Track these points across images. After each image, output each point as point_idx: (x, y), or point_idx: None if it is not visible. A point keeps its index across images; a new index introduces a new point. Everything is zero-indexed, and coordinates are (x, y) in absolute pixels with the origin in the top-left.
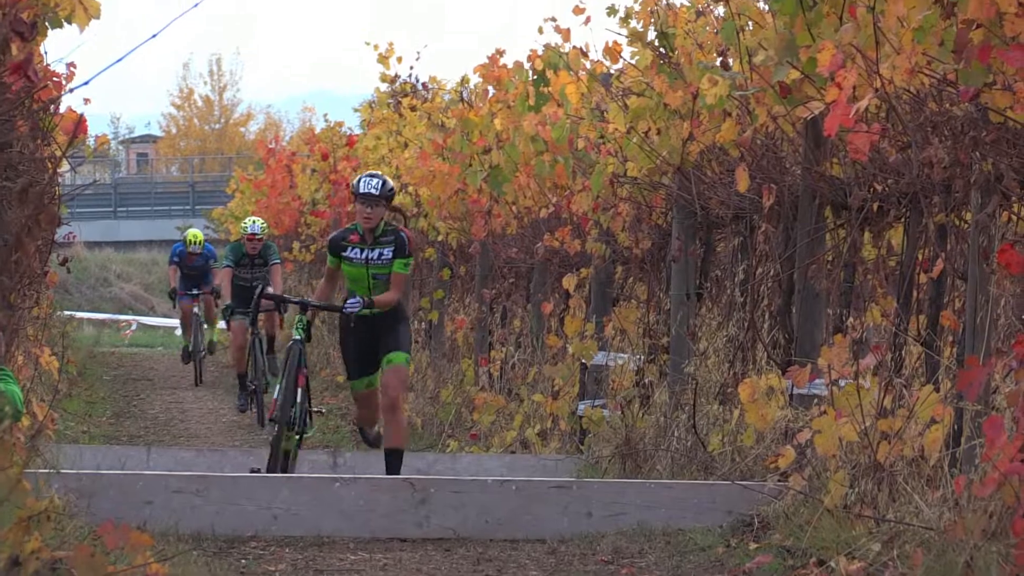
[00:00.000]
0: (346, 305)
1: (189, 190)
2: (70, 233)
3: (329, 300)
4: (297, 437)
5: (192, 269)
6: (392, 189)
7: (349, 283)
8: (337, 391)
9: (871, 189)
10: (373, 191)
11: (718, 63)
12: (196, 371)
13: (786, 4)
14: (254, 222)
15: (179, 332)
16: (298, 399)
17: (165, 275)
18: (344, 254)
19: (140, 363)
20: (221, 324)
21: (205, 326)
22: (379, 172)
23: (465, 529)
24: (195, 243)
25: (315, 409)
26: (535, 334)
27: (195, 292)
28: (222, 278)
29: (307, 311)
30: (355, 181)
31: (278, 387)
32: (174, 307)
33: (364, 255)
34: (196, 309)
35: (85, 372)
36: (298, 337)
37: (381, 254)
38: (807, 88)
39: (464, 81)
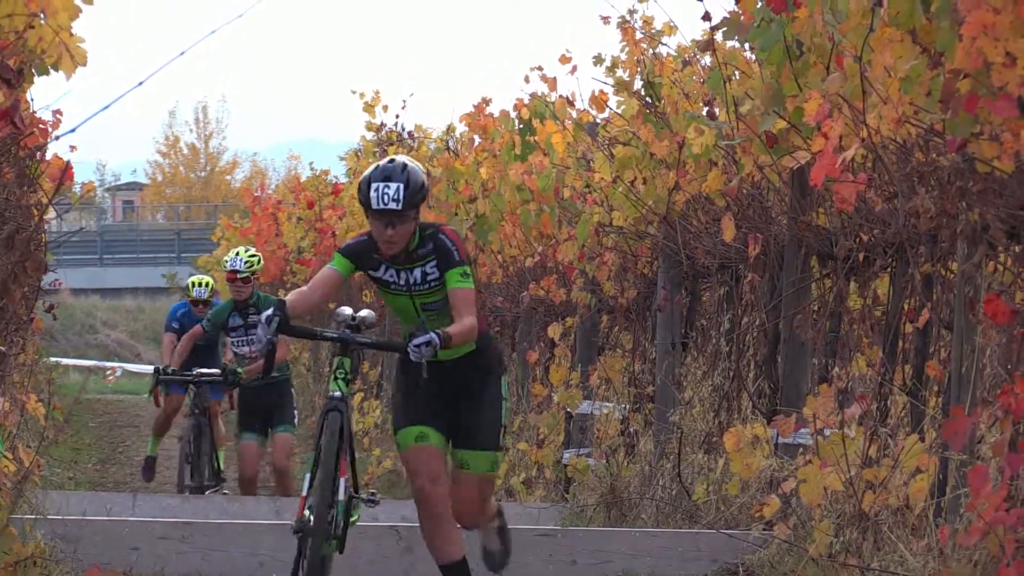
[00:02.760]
0: (411, 345)
1: (175, 238)
2: (56, 280)
3: (307, 311)
4: (335, 542)
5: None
6: (423, 186)
7: (400, 321)
8: None
9: (857, 239)
10: (394, 205)
11: (704, 112)
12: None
13: (773, 54)
14: (237, 254)
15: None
16: (340, 495)
17: (151, 322)
18: (375, 275)
19: (126, 410)
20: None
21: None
22: (397, 160)
23: None
24: (200, 286)
25: (367, 497)
26: (520, 383)
27: (192, 378)
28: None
29: (349, 350)
30: (363, 187)
31: (307, 478)
32: (150, 397)
33: (404, 279)
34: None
35: (71, 419)
36: (338, 393)
37: (425, 274)
38: (793, 138)
39: (450, 130)
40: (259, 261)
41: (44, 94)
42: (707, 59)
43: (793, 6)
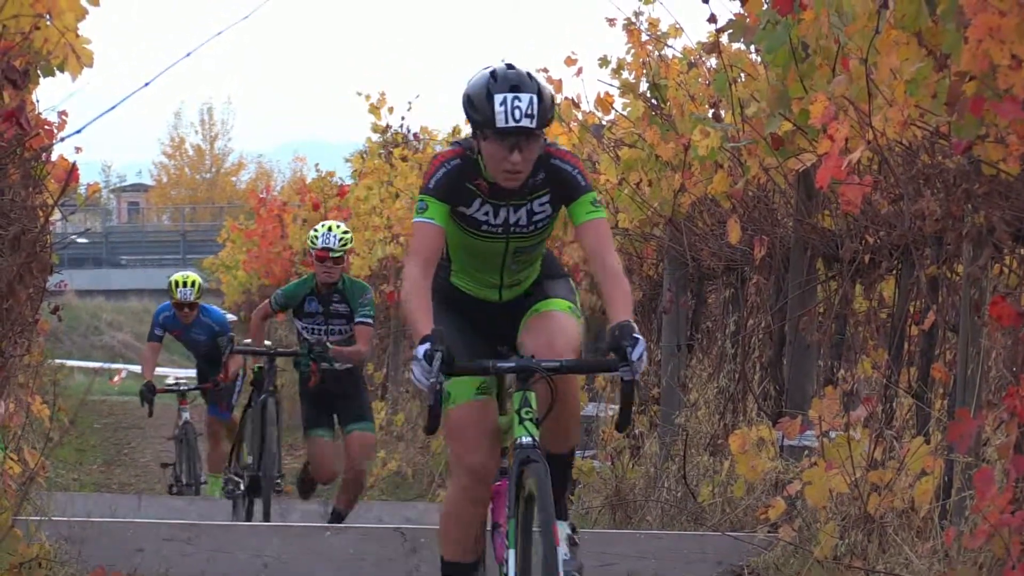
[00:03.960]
0: (632, 360)
1: (180, 239)
2: (62, 281)
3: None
4: None
5: (188, 342)
6: (554, 99)
7: (465, 268)
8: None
9: (863, 241)
10: (528, 122)
11: (710, 115)
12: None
13: (779, 56)
14: (329, 229)
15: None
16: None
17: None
18: (464, 211)
19: (131, 411)
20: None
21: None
22: (516, 66)
23: None
24: (185, 286)
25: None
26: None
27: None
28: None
29: (531, 381)
30: (480, 100)
31: (511, 556)
32: (143, 403)
33: (503, 218)
34: (186, 416)
35: (76, 420)
36: (528, 439)
37: (532, 213)
38: (799, 140)
39: (456, 131)
40: (352, 239)
41: (50, 95)
42: (713, 61)
43: (799, 8)
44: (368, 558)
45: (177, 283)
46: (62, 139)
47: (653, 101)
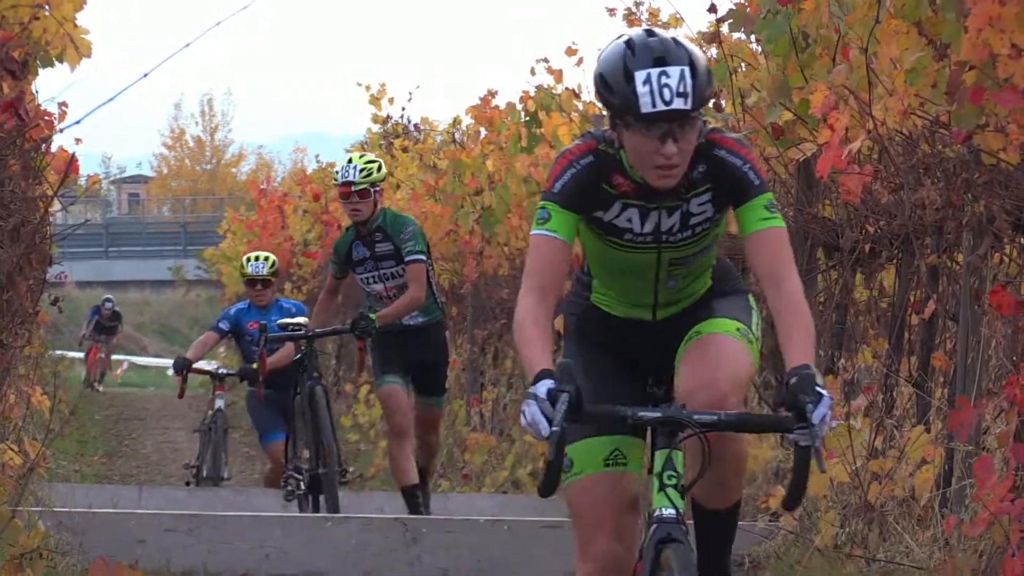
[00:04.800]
0: (813, 423)
1: (180, 230)
2: (62, 272)
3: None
4: None
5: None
6: (710, 72)
7: (609, 285)
8: None
9: (863, 230)
10: (680, 103)
11: (711, 104)
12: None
13: (779, 45)
14: (349, 160)
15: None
16: None
17: (157, 315)
18: (602, 217)
19: (132, 403)
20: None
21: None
22: (658, 32)
23: (457, 569)
24: (257, 260)
25: None
26: (523, 375)
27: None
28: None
29: (676, 438)
30: (617, 79)
31: None
32: (176, 374)
33: (654, 224)
34: (219, 404)
35: (77, 411)
36: (671, 512)
37: (689, 215)
38: (799, 129)
39: (456, 122)
40: (380, 168)
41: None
42: (713, 51)
43: None
44: (370, 548)
45: (249, 258)
46: (62, 130)
47: None
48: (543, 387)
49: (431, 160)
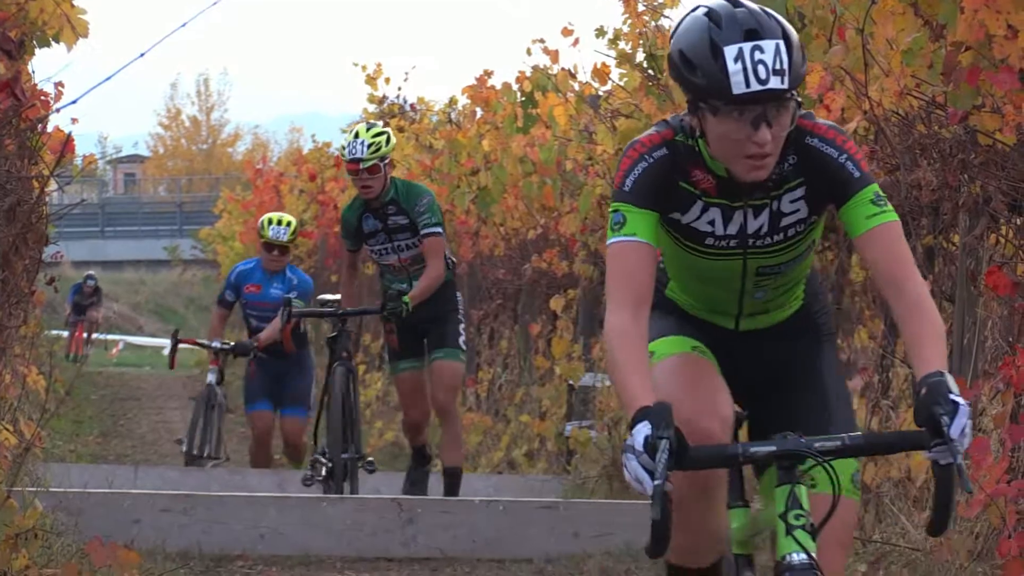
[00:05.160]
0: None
1: (176, 210)
2: (58, 252)
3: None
4: None
5: (261, 304)
6: (802, 47)
7: (686, 288)
8: None
9: None
10: (776, 82)
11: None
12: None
13: None
14: (356, 135)
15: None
16: None
17: (153, 294)
18: (679, 218)
19: (127, 382)
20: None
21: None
22: (745, 3)
23: (452, 549)
24: (280, 224)
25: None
26: (522, 355)
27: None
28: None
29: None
30: (699, 55)
31: None
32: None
33: (739, 225)
34: (211, 378)
35: (72, 391)
36: (800, 557)
37: (779, 215)
38: None
39: (452, 102)
40: (389, 140)
41: (46, 66)
42: None
43: None
44: (365, 528)
45: (270, 220)
46: (58, 110)
47: (650, 72)
48: (640, 436)
49: (427, 140)
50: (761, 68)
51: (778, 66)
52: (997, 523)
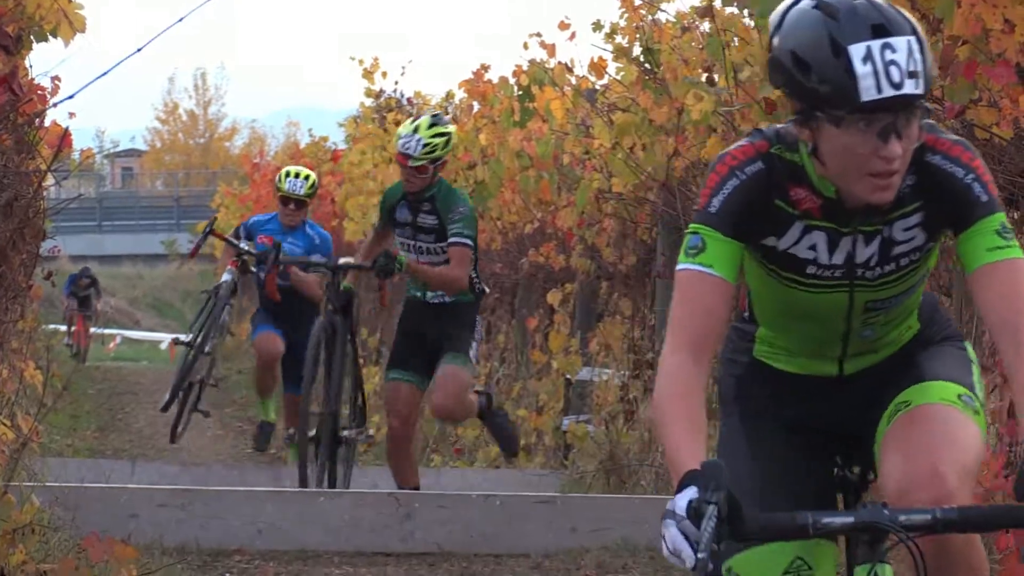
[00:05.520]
0: None
1: (174, 204)
2: (55, 247)
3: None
4: None
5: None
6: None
7: (780, 333)
8: None
9: None
10: (911, 86)
11: (704, 79)
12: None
13: None
14: (415, 130)
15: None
16: None
17: (150, 288)
18: (774, 244)
19: (125, 377)
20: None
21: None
22: None
23: (449, 544)
24: (297, 177)
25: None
26: (519, 349)
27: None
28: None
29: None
30: (820, 54)
31: None
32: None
33: (845, 253)
34: (227, 277)
35: (70, 386)
36: None
37: (891, 242)
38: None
39: (449, 96)
40: (448, 143)
41: (43, 60)
42: (706, 25)
43: None
44: (363, 523)
45: (287, 173)
46: (55, 104)
47: (646, 65)
48: (684, 499)
49: None
50: (894, 70)
51: (912, 67)
52: None
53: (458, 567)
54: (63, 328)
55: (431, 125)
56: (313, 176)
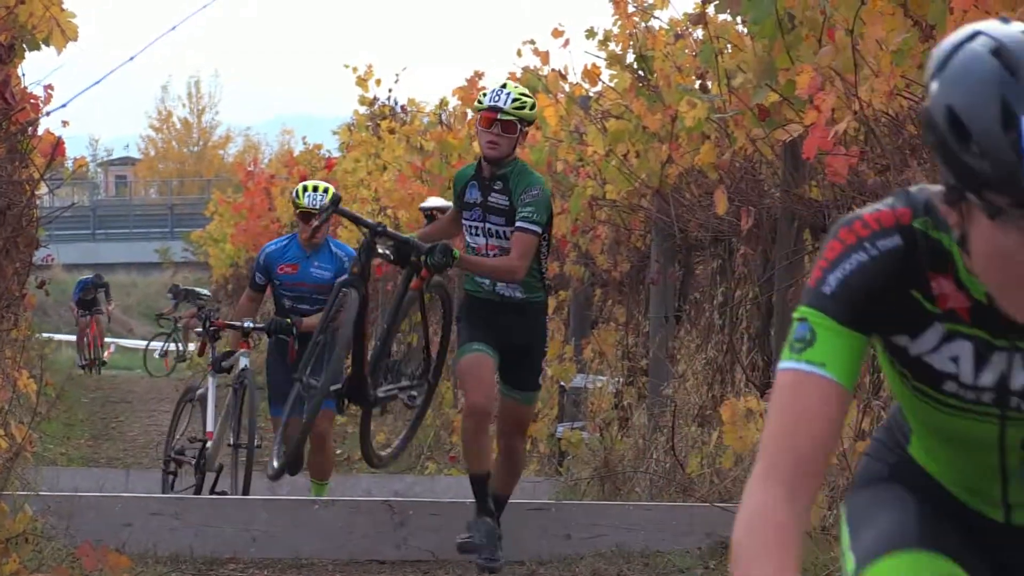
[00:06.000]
0: None
1: (168, 212)
2: (48, 255)
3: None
4: None
5: (301, 285)
6: None
7: (933, 449)
8: None
9: (850, 211)
10: None
11: (697, 86)
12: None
13: (765, 27)
14: (503, 86)
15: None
16: None
17: (144, 296)
18: (907, 345)
19: (119, 386)
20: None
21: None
22: None
23: (443, 551)
24: (316, 191)
25: None
26: None
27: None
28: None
29: None
30: (978, 98)
31: None
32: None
33: (997, 371)
34: (244, 363)
35: (64, 394)
36: None
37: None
38: (786, 111)
39: (443, 104)
40: (533, 106)
41: (36, 69)
42: (699, 32)
43: None
44: (357, 531)
45: (305, 188)
46: (48, 113)
47: (640, 73)
48: None
49: (418, 142)
50: None
51: None
52: None
53: (452, 574)
54: (58, 336)
55: (518, 87)
56: (332, 189)
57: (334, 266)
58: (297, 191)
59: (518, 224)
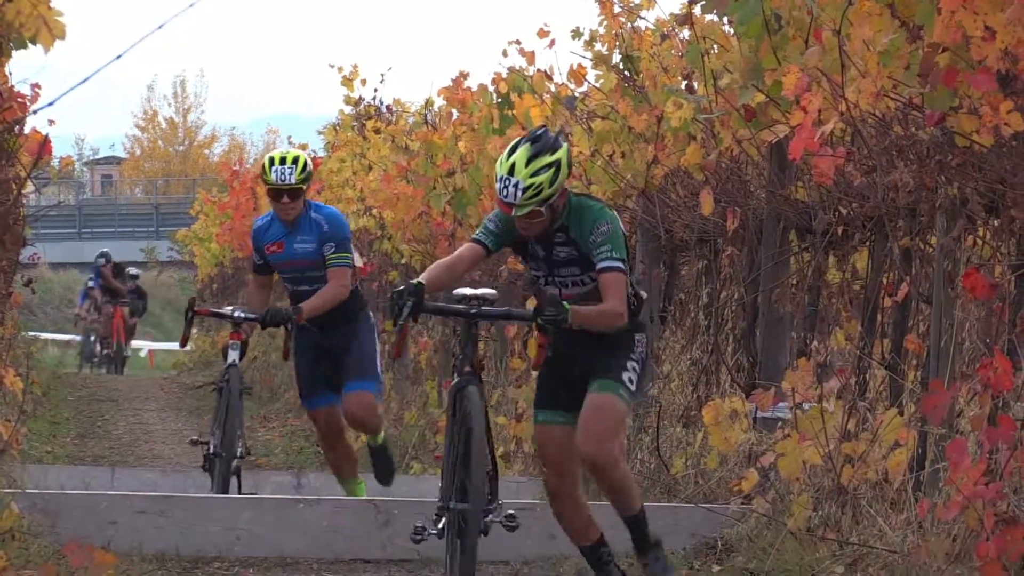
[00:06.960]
0: None
1: (153, 212)
2: (35, 254)
3: None
4: None
5: (289, 262)
6: None
7: None
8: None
9: (836, 213)
10: None
11: (683, 86)
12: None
13: (751, 27)
14: (512, 170)
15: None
16: None
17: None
18: None
19: (104, 384)
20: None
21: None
22: None
23: (429, 551)
24: (284, 162)
25: None
26: (499, 356)
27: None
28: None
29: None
30: None
31: None
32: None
33: None
34: (232, 357)
35: (49, 392)
36: None
37: None
38: (772, 111)
39: (428, 104)
40: (556, 173)
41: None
42: (685, 33)
43: None
44: (342, 531)
45: (272, 160)
46: (35, 112)
47: (626, 73)
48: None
49: (403, 141)
50: None
51: None
52: (975, 526)
53: (437, 574)
54: (44, 335)
55: (530, 159)
56: (304, 156)
57: (315, 236)
58: (263, 165)
59: (601, 265)
